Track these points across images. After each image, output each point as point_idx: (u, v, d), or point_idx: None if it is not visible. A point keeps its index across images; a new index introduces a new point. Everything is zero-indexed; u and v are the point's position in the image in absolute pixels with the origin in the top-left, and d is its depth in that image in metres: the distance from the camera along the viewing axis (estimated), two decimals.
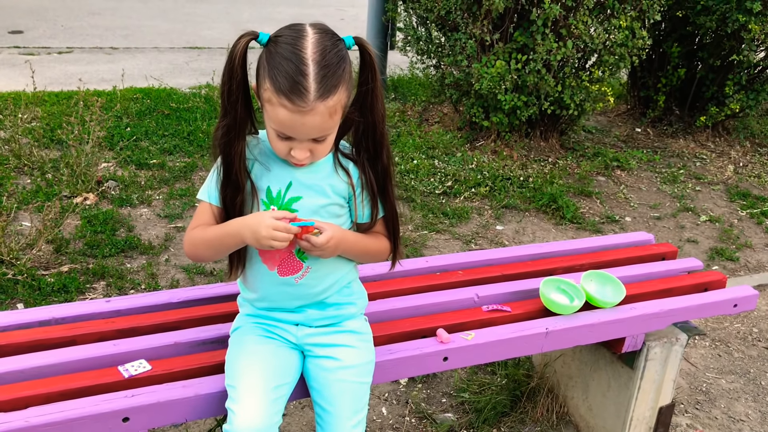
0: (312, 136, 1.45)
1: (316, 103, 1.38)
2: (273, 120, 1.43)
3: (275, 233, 1.45)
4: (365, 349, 1.67)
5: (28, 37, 7.36)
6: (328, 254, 1.56)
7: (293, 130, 1.43)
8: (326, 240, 1.51)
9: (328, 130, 1.47)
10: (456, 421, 2.44)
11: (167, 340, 1.71)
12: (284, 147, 1.48)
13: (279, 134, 1.46)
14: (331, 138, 1.51)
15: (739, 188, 4.81)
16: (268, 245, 1.46)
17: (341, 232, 1.57)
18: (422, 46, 5.09)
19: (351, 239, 1.61)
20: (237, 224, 1.52)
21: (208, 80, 5.79)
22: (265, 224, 1.45)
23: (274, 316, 1.66)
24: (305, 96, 1.37)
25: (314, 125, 1.42)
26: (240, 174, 1.53)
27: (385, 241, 1.70)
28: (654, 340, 2.14)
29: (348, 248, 1.60)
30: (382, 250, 1.70)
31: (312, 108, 1.39)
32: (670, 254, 2.46)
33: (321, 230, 1.52)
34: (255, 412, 1.46)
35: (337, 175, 1.58)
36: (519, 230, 3.90)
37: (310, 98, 1.38)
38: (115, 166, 4.08)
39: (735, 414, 2.65)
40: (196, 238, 1.58)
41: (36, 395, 1.50)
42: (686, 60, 5.58)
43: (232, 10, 9.65)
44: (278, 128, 1.44)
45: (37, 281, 2.91)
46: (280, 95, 1.38)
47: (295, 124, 1.41)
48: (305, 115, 1.39)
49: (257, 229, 1.46)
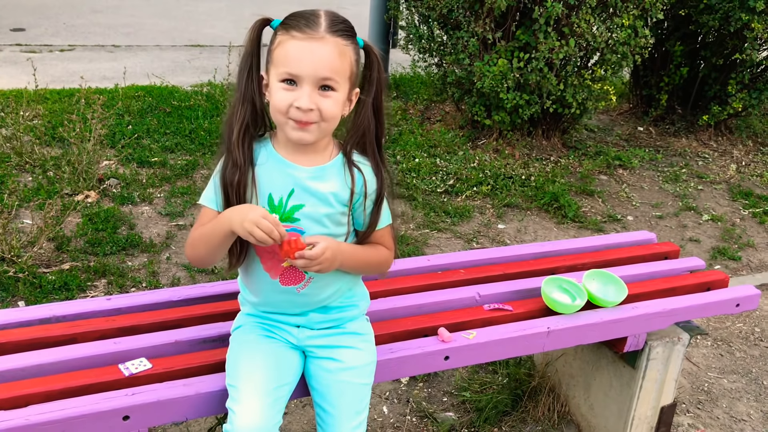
0: (320, 73, 1.42)
1: (327, 34, 1.42)
2: (281, 61, 1.42)
3: (261, 221, 1.41)
4: (366, 350, 1.67)
5: (30, 34, 7.36)
6: (326, 267, 1.50)
7: (300, 62, 1.41)
8: (321, 251, 1.46)
9: (336, 75, 1.44)
10: (457, 420, 2.43)
11: (168, 339, 1.71)
12: (288, 98, 1.43)
13: (284, 79, 1.43)
14: (337, 99, 1.46)
15: (741, 187, 4.80)
16: (249, 230, 1.41)
17: (336, 244, 1.52)
18: (424, 45, 5.08)
19: (348, 250, 1.57)
20: (229, 211, 1.49)
21: (210, 78, 5.78)
22: (257, 212, 1.43)
23: (275, 317, 1.65)
24: (316, 26, 1.42)
25: (323, 56, 1.41)
26: (244, 165, 1.50)
27: (385, 252, 1.65)
28: (656, 340, 2.14)
29: (346, 259, 1.56)
30: (382, 260, 1.66)
31: (322, 37, 1.41)
32: (673, 253, 2.45)
33: (314, 243, 1.47)
34: (256, 413, 1.46)
35: (343, 181, 1.55)
36: (521, 229, 3.89)
37: (320, 28, 1.42)
38: (117, 163, 4.08)
39: (737, 414, 2.64)
40: (194, 237, 1.56)
41: (36, 393, 1.50)
42: (689, 59, 5.56)
43: (234, 7, 9.64)
44: (285, 66, 1.42)
45: (38, 279, 2.91)
46: (291, 29, 1.42)
47: (303, 53, 1.41)
48: (315, 42, 1.41)
49: (246, 214, 1.43)
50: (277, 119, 1.48)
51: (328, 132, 1.52)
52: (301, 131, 1.46)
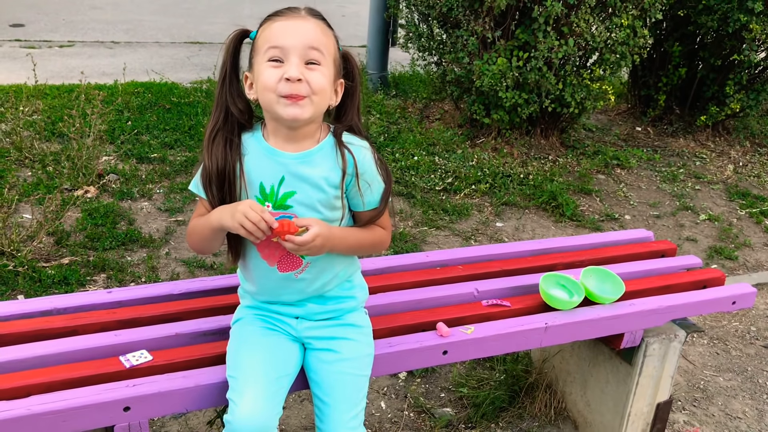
0: (306, 42, 1.46)
1: (308, 16, 1.50)
2: (265, 41, 1.48)
3: (249, 211, 1.44)
4: (364, 343, 1.68)
5: (29, 30, 7.36)
6: (315, 252, 1.52)
7: (286, 35, 1.46)
8: (311, 238, 1.48)
9: (322, 47, 1.48)
10: (454, 416, 2.45)
11: (168, 331, 1.72)
12: (276, 74, 1.45)
13: (271, 58, 1.46)
14: (324, 73, 1.49)
15: (738, 188, 4.82)
16: (240, 222, 1.44)
17: (328, 229, 1.53)
18: (424, 43, 5.10)
19: (339, 235, 1.57)
20: (220, 209, 1.52)
21: (209, 75, 5.79)
22: (244, 204, 1.47)
23: (274, 308, 1.66)
24: (297, 11, 1.50)
25: (308, 29, 1.48)
26: (231, 170, 1.52)
27: (380, 232, 1.66)
28: (652, 337, 2.15)
29: (336, 245, 1.56)
30: (377, 241, 1.66)
31: (304, 17, 1.49)
32: (670, 251, 2.47)
33: (307, 227, 1.49)
34: (256, 404, 1.47)
35: (334, 162, 1.55)
36: (519, 227, 3.91)
37: (301, 12, 1.50)
38: (116, 159, 4.08)
39: (732, 411, 2.66)
40: (190, 228, 1.63)
41: (38, 384, 1.51)
42: (687, 59, 5.58)
43: (234, 5, 9.64)
44: (270, 42, 1.46)
45: (38, 273, 2.92)
46: (274, 16, 1.50)
47: (287, 28, 1.47)
48: (299, 20, 1.48)
49: (236, 207, 1.47)
50: (267, 99, 1.48)
51: (320, 109, 1.53)
52: (294, 107, 1.47)
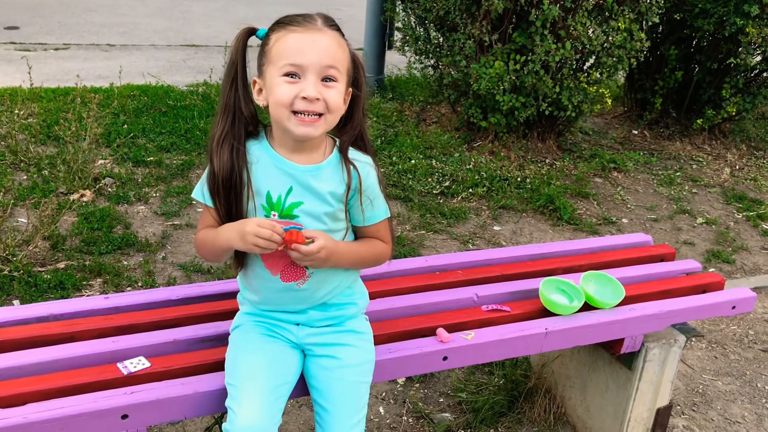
0: (324, 61, 1.43)
1: (324, 27, 1.45)
2: (281, 55, 1.43)
3: (259, 230, 1.44)
4: (365, 349, 1.67)
5: (24, 33, 7.33)
6: (318, 264, 1.53)
7: (303, 52, 1.42)
8: (317, 249, 1.48)
9: (338, 64, 1.46)
10: (453, 421, 2.43)
11: (166, 338, 1.71)
12: (291, 91, 1.43)
13: (287, 72, 1.43)
14: (340, 90, 1.47)
15: (735, 191, 4.83)
16: (252, 243, 1.45)
17: (333, 244, 1.53)
18: (421, 46, 5.09)
19: (343, 249, 1.58)
20: (226, 230, 1.51)
21: (205, 78, 5.77)
22: (251, 224, 1.46)
23: (274, 315, 1.65)
24: (313, 20, 1.46)
25: (326, 46, 1.44)
26: (237, 178, 1.51)
27: (382, 245, 1.66)
28: (653, 341, 2.14)
29: (339, 259, 1.57)
30: (379, 255, 1.67)
31: (321, 29, 1.45)
32: (669, 256, 2.46)
33: (313, 239, 1.49)
34: (255, 412, 1.45)
35: (340, 178, 1.55)
36: (516, 231, 3.90)
37: (317, 23, 1.45)
38: (112, 163, 4.06)
39: (731, 416, 2.66)
40: (199, 240, 1.61)
41: (34, 391, 1.49)
42: (683, 63, 5.59)
43: (229, 8, 9.63)
44: (288, 58, 1.42)
45: (33, 278, 2.90)
46: (289, 25, 1.45)
47: (305, 43, 1.43)
48: (315, 34, 1.44)
49: (244, 229, 1.46)
50: (279, 115, 1.47)
51: (331, 125, 1.52)
52: (307, 127, 1.46)
